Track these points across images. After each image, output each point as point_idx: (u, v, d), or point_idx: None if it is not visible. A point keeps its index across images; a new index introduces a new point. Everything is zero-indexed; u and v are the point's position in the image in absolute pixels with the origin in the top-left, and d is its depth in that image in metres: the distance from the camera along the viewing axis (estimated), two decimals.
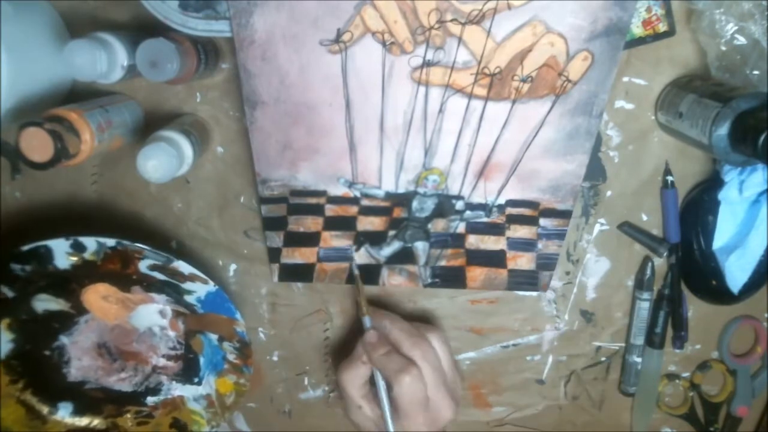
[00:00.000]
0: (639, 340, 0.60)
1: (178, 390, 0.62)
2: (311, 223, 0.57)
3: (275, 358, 0.63)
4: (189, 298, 0.57)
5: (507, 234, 0.56)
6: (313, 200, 0.55)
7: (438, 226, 0.56)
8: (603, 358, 0.62)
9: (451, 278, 0.59)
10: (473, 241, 0.57)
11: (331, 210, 0.56)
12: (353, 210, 0.56)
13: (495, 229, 0.56)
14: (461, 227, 0.56)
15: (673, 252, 0.57)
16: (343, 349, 0.62)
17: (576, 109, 0.50)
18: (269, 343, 0.63)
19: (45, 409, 0.61)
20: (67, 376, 0.61)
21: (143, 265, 0.55)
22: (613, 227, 0.57)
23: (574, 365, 0.63)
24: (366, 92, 0.50)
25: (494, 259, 0.57)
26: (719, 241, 0.55)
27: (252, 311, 0.61)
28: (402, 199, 0.55)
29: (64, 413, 0.61)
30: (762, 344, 0.61)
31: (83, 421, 0.61)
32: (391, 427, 0.50)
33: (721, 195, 0.52)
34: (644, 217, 0.57)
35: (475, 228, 0.56)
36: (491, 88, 0.49)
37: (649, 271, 0.58)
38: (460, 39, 0.48)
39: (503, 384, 0.64)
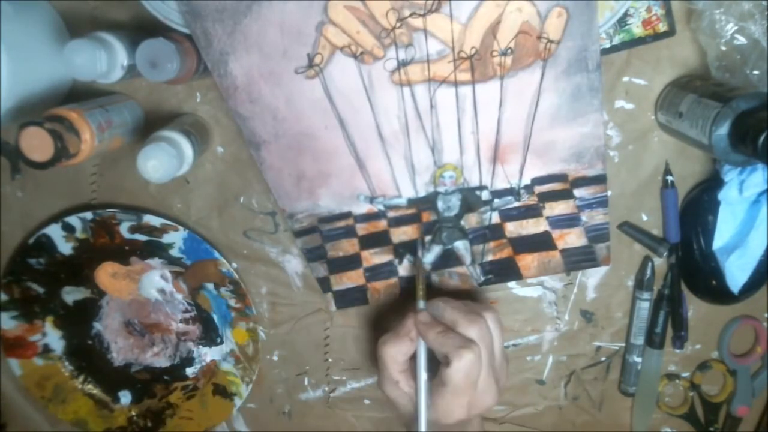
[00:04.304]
0: (639, 340, 0.60)
1: (209, 354, 0.63)
2: (348, 246, 0.57)
3: (275, 358, 0.63)
4: (173, 252, 0.59)
5: (545, 214, 0.55)
6: (342, 223, 0.56)
7: (471, 221, 0.56)
8: (603, 358, 0.62)
9: (504, 271, 0.58)
10: (512, 228, 0.56)
11: (362, 229, 0.56)
12: (382, 224, 0.56)
13: (531, 212, 0.55)
14: (495, 217, 0.55)
15: (673, 252, 0.57)
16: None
17: (569, 68, 0.49)
18: (269, 343, 0.63)
19: (108, 399, 0.65)
20: (113, 362, 0.64)
21: (124, 230, 0.58)
22: (613, 227, 0.57)
23: (574, 365, 0.63)
24: (354, 107, 0.50)
25: (541, 243, 0.56)
26: (719, 241, 0.55)
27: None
28: (426, 203, 0.55)
29: (125, 401, 0.65)
30: (762, 344, 0.61)
31: (143, 407, 0.65)
32: (423, 407, 0.48)
33: (721, 195, 0.52)
34: (644, 217, 0.57)
35: (509, 215, 0.55)
36: (474, 70, 0.49)
37: (649, 271, 0.58)
38: (425, 31, 0.48)
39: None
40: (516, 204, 0.55)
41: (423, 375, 0.49)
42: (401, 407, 0.51)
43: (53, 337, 0.62)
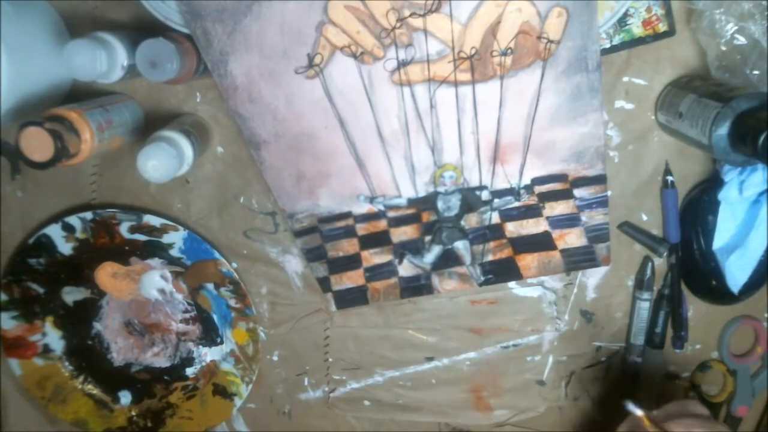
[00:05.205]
0: (639, 340, 0.60)
1: (209, 355, 0.63)
2: (348, 246, 0.57)
3: (275, 358, 0.63)
4: (173, 252, 0.59)
5: (545, 214, 0.55)
6: (342, 223, 0.56)
7: (471, 221, 0.56)
8: (603, 358, 0.62)
9: (504, 271, 0.58)
10: (512, 228, 0.56)
11: (362, 229, 0.56)
12: (382, 224, 0.56)
13: (531, 212, 0.55)
14: (495, 217, 0.55)
15: (673, 252, 0.57)
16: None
17: (569, 68, 0.49)
18: (269, 343, 0.63)
19: (108, 399, 0.65)
20: (113, 362, 0.64)
21: (124, 230, 0.58)
22: (613, 227, 0.57)
23: (575, 365, 0.63)
24: (354, 107, 0.50)
25: (541, 243, 0.56)
26: (719, 241, 0.55)
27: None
28: (426, 203, 0.55)
29: (125, 401, 0.65)
30: (762, 344, 0.61)
31: (143, 407, 0.65)
32: None
33: (721, 195, 0.52)
34: (644, 217, 0.57)
35: (509, 215, 0.55)
36: (474, 70, 0.49)
37: (649, 271, 0.58)
38: (425, 31, 0.48)
39: (504, 386, 0.63)
40: (516, 204, 0.55)
41: None
42: None
43: (53, 337, 0.62)
